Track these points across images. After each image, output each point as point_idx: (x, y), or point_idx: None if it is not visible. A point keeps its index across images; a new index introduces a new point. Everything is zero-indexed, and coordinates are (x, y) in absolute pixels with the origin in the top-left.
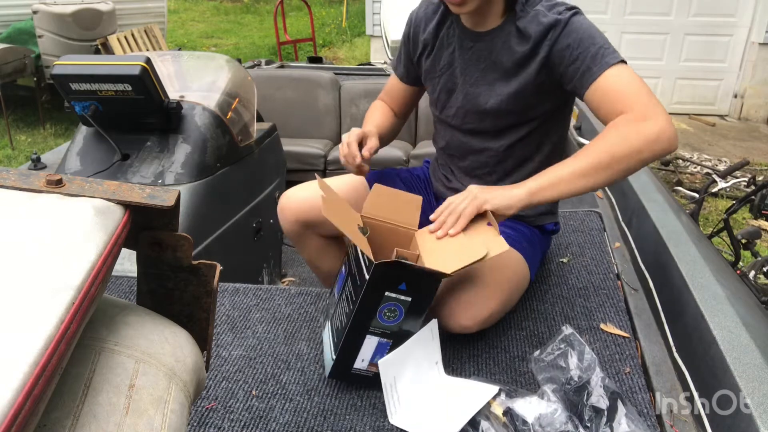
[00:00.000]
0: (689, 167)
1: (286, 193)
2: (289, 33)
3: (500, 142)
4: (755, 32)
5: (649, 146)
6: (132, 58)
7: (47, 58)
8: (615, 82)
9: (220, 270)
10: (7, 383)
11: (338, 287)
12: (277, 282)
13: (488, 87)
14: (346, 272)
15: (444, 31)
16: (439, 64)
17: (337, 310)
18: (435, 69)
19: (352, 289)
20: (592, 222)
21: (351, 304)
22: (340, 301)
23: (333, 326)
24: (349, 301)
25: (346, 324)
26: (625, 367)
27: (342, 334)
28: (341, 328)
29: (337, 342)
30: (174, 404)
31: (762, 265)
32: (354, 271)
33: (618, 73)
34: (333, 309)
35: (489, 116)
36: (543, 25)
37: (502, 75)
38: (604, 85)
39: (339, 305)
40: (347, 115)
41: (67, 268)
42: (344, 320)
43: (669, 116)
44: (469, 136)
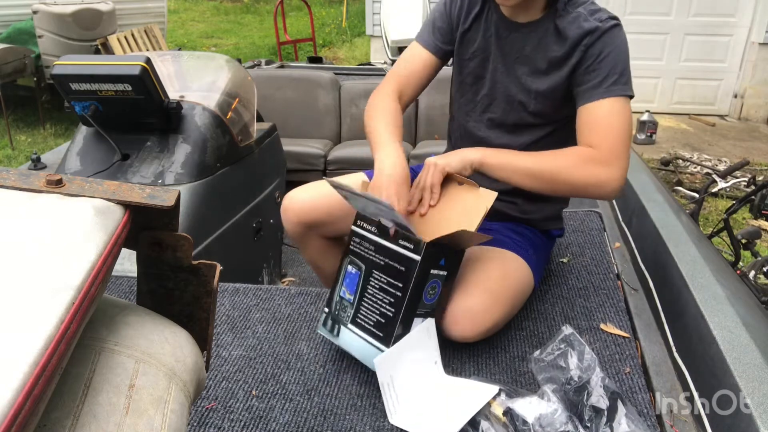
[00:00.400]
0: (689, 167)
1: (288, 195)
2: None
3: (519, 140)
4: (755, 32)
5: (593, 189)
6: (132, 58)
7: (47, 58)
8: (605, 115)
9: (220, 270)
10: (7, 383)
11: (350, 288)
12: (277, 282)
13: (517, 79)
14: (361, 270)
15: (483, 14)
16: (472, 48)
17: (365, 306)
18: (467, 51)
19: (388, 278)
20: (592, 222)
21: (398, 292)
22: (365, 298)
23: (364, 323)
24: (389, 292)
25: (396, 313)
26: (625, 367)
27: (393, 324)
28: (388, 319)
29: (385, 335)
30: (174, 404)
31: (762, 265)
32: (381, 261)
33: (613, 107)
34: (350, 310)
35: (514, 109)
36: (583, 30)
37: (533, 70)
38: (595, 113)
39: (366, 301)
40: (347, 115)
41: (67, 268)
42: (391, 310)
43: (626, 168)
44: (489, 128)
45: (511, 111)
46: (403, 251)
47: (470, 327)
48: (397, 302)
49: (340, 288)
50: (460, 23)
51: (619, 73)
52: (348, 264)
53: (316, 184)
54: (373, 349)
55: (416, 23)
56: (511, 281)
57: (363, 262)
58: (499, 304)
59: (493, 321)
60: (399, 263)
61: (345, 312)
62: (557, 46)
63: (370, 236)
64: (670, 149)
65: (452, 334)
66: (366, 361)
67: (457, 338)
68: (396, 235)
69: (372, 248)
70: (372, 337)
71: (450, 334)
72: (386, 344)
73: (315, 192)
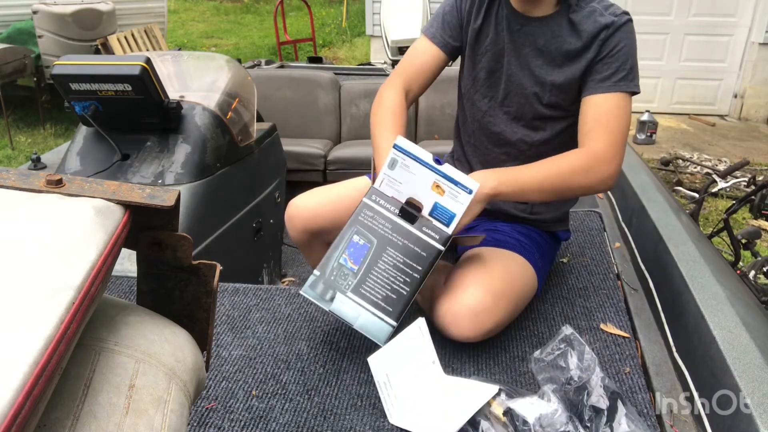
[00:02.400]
0: (689, 167)
1: (293, 202)
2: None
3: (535, 135)
4: (755, 32)
5: (595, 189)
6: (132, 58)
7: (47, 58)
8: (609, 110)
9: (220, 270)
10: (7, 383)
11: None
12: (277, 282)
13: (530, 72)
14: (371, 243)
15: (494, 8)
16: (485, 43)
17: (373, 279)
18: (480, 47)
19: (406, 259)
20: (592, 222)
21: (415, 273)
22: (375, 272)
23: (370, 295)
24: (406, 272)
25: (410, 292)
26: (625, 367)
27: (404, 302)
28: (400, 296)
29: (394, 310)
30: (174, 404)
31: (762, 265)
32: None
33: (618, 103)
34: (353, 279)
35: (529, 102)
36: (599, 24)
37: (548, 63)
38: (600, 106)
39: (376, 275)
40: (347, 115)
41: (67, 268)
42: (405, 289)
43: (621, 163)
44: (505, 123)
45: (527, 104)
46: (426, 238)
47: (471, 327)
48: (413, 282)
49: (340, 255)
50: (471, 19)
51: (628, 68)
52: (354, 234)
53: (320, 190)
54: (379, 322)
55: (416, 23)
56: (515, 283)
57: (375, 236)
58: (501, 305)
59: (495, 322)
60: (420, 248)
61: (345, 279)
62: (573, 39)
63: (388, 214)
64: (670, 149)
65: (453, 334)
66: (366, 331)
67: (458, 338)
68: (419, 220)
69: (388, 227)
70: (379, 310)
71: (451, 334)
72: (394, 319)
73: (320, 198)
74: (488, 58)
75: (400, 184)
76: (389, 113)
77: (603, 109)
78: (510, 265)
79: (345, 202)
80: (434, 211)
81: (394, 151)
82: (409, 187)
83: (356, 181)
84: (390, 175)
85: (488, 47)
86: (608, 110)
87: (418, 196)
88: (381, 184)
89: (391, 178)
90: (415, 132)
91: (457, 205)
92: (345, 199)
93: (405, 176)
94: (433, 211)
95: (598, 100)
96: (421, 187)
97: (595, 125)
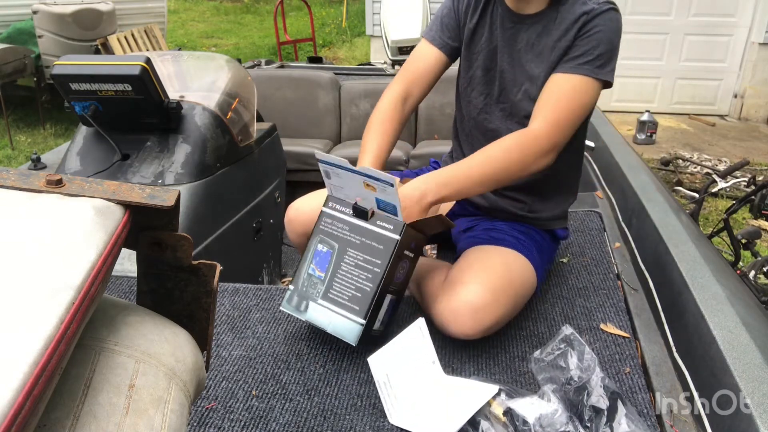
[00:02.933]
0: (689, 167)
1: (293, 205)
2: (289, 33)
3: None
4: (755, 32)
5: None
6: (132, 58)
7: (47, 58)
8: (561, 89)
9: (220, 270)
10: (7, 383)
11: (320, 266)
12: (277, 282)
13: (522, 68)
14: (333, 249)
15: (489, 8)
16: (480, 41)
17: (338, 282)
18: (476, 45)
19: (365, 256)
20: (592, 222)
21: (375, 268)
22: (339, 275)
23: (337, 299)
24: (366, 268)
25: (373, 287)
26: (625, 367)
27: (369, 298)
28: (364, 293)
29: (360, 309)
30: (174, 404)
31: (762, 265)
32: (356, 240)
33: (576, 85)
34: (321, 287)
35: (524, 99)
36: (579, 12)
37: (537, 57)
38: (557, 83)
39: (341, 278)
40: (347, 115)
41: (67, 268)
42: (368, 285)
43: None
44: (500, 120)
45: (522, 101)
46: (381, 231)
47: (471, 323)
48: (375, 277)
49: (308, 266)
50: (467, 19)
51: (597, 54)
52: (318, 243)
53: (320, 193)
54: (348, 322)
55: (416, 23)
56: (514, 279)
57: (336, 241)
58: (501, 301)
59: (494, 318)
60: (377, 242)
61: (314, 288)
62: (558, 31)
63: (344, 217)
64: (670, 149)
65: (453, 331)
66: (339, 333)
67: (459, 335)
68: (374, 215)
69: (346, 228)
70: (347, 311)
71: (451, 331)
72: (362, 317)
73: (319, 201)
74: (483, 57)
75: (342, 188)
76: (379, 119)
77: (557, 88)
78: (509, 262)
79: None
80: (380, 205)
81: (320, 165)
82: (349, 191)
83: None
84: (331, 184)
85: (483, 45)
86: (561, 89)
87: (361, 195)
88: (330, 192)
89: (333, 186)
90: (415, 132)
91: (390, 196)
92: None
93: (341, 182)
94: (379, 205)
95: (556, 78)
96: (358, 189)
97: (543, 103)
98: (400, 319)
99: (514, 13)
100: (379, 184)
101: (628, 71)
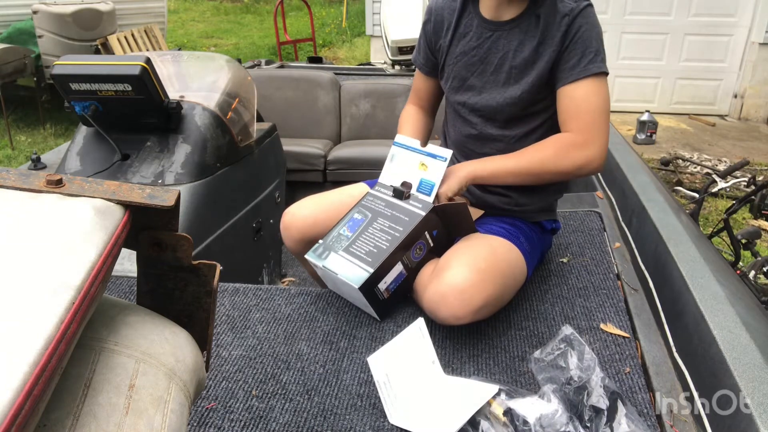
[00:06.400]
0: (689, 167)
1: (289, 210)
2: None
3: (512, 132)
4: (755, 32)
5: (576, 172)
6: (132, 58)
7: (47, 58)
8: (583, 97)
9: (220, 270)
10: (7, 383)
11: (352, 228)
12: (277, 282)
13: (507, 74)
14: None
15: (464, 19)
16: (455, 52)
17: (362, 240)
18: (451, 56)
19: (391, 224)
20: (592, 222)
21: (396, 233)
22: (364, 235)
23: (356, 252)
24: (389, 232)
25: (390, 247)
26: (625, 367)
27: (383, 254)
28: (380, 250)
29: (373, 262)
30: (174, 404)
31: (762, 265)
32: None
33: (590, 88)
34: (346, 242)
35: (506, 105)
36: (560, 14)
37: (521, 63)
38: (573, 95)
39: (365, 237)
40: (347, 115)
41: (66, 268)
42: (386, 245)
43: (606, 144)
44: (486, 124)
45: (505, 106)
46: (411, 207)
47: (460, 304)
48: (393, 240)
49: (341, 228)
50: (441, 37)
51: (594, 51)
52: (356, 213)
53: (315, 198)
54: (359, 269)
55: (416, 23)
56: (500, 261)
57: (370, 212)
58: (487, 282)
59: (483, 298)
60: (404, 215)
61: (340, 243)
62: (538, 33)
63: (385, 197)
64: (670, 149)
65: (443, 314)
66: (347, 278)
67: (449, 318)
68: (409, 197)
69: (383, 204)
70: (360, 261)
71: (441, 315)
72: (371, 267)
73: (315, 207)
74: (460, 67)
75: (395, 174)
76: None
77: (576, 97)
78: (494, 246)
79: (341, 209)
80: (420, 186)
81: (393, 147)
82: (403, 172)
83: (352, 187)
84: (389, 168)
85: (459, 57)
86: (581, 97)
87: (409, 178)
88: (383, 176)
89: (390, 171)
90: None
91: (435, 174)
92: (341, 206)
93: (401, 164)
94: (420, 187)
95: (569, 90)
96: (411, 170)
97: (571, 115)
98: (400, 319)
99: (491, 21)
100: (433, 160)
101: (628, 71)
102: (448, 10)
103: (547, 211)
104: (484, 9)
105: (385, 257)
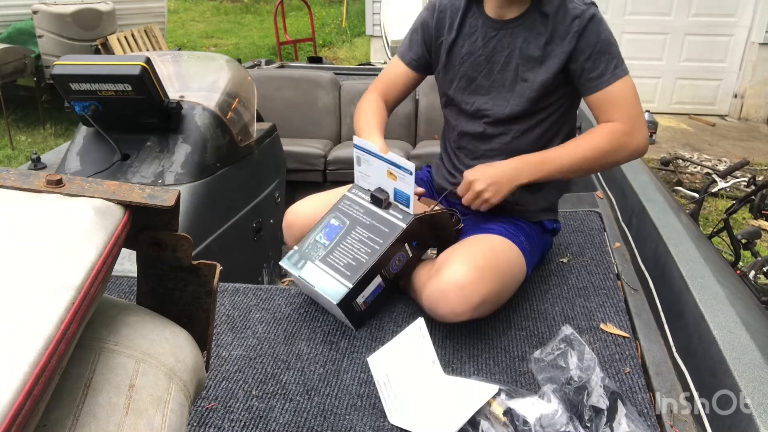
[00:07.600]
0: (689, 167)
1: (291, 209)
2: (289, 33)
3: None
4: (755, 32)
5: (628, 157)
6: (132, 58)
7: (47, 58)
8: (619, 95)
9: (220, 270)
10: (7, 383)
11: (328, 236)
12: (277, 282)
13: (514, 73)
14: (344, 224)
15: (468, 20)
16: (461, 52)
17: (339, 251)
18: (457, 57)
19: (370, 234)
20: (592, 222)
21: (376, 246)
22: (342, 245)
23: (334, 263)
24: (368, 244)
25: (369, 260)
26: (625, 367)
27: (363, 269)
28: (359, 264)
29: (352, 276)
30: (174, 404)
31: (762, 265)
32: (367, 221)
33: (622, 86)
34: (323, 251)
35: (512, 104)
36: (570, 15)
37: (529, 61)
38: (610, 96)
39: (343, 248)
40: (347, 115)
41: (66, 268)
42: (365, 258)
43: (646, 129)
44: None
45: (509, 105)
46: (391, 218)
47: (459, 300)
48: (373, 253)
49: (317, 234)
50: (444, 33)
51: (617, 55)
52: (332, 218)
53: (317, 197)
54: (337, 284)
55: None
56: (499, 258)
57: (348, 219)
58: (486, 278)
59: (481, 295)
60: (384, 226)
61: (316, 252)
62: (547, 32)
63: (362, 202)
64: (670, 149)
65: (442, 311)
66: (325, 292)
67: (448, 314)
68: (389, 206)
69: (361, 210)
70: (338, 274)
71: (440, 312)
72: (350, 282)
73: (318, 205)
74: (466, 67)
75: (368, 176)
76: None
77: (612, 97)
78: (493, 244)
79: None
80: (396, 196)
81: (355, 150)
82: (374, 178)
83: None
84: (360, 171)
85: (465, 58)
86: (617, 95)
87: (382, 185)
88: (357, 180)
89: (361, 173)
90: (415, 132)
91: (406, 186)
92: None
93: (369, 170)
94: (395, 196)
95: (604, 93)
96: (382, 177)
97: (609, 111)
98: (400, 319)
99: (495, 20)
100: (399, 171)
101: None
102: (452, 9)
103: (548, 210)
104: (488, 8)
105: (364, 271)
